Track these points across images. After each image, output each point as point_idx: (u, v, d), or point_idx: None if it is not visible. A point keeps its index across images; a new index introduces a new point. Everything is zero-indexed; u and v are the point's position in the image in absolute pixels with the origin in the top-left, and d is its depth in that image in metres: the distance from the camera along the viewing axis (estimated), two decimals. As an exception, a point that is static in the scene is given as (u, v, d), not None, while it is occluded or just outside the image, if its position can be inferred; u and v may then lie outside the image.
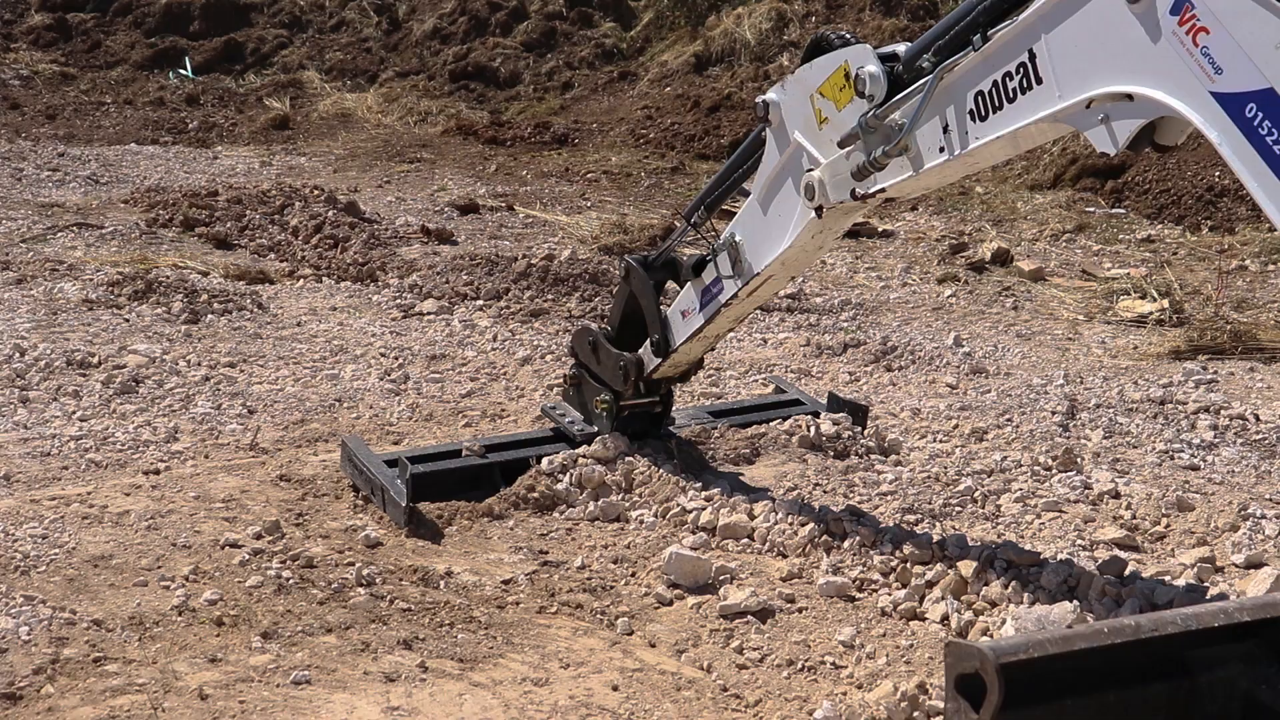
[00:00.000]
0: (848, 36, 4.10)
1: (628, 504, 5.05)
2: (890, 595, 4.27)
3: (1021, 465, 5.66)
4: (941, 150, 3.72)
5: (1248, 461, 5.91)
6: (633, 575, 4.64)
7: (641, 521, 4.91)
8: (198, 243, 10.22)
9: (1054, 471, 5.60)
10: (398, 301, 8.52)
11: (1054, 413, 6.41)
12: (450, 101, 18.18)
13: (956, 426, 6.26)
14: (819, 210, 4.20)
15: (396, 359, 7.30)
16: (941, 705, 3.23)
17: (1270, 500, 5.42)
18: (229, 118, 17.75)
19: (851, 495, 5.17)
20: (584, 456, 5.23)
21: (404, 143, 16.02)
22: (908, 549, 4.41)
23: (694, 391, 6.81)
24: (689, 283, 4.88)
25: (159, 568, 4.63)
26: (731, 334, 6.68)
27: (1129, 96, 3.23)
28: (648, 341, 5.14)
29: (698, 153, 14.23)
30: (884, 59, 3.90)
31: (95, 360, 6.95)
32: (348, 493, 5.34)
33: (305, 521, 5.08)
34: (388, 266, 9.43)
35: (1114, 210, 11.20)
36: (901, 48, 3.94)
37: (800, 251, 4.43)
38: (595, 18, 19.78)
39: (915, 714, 3.23)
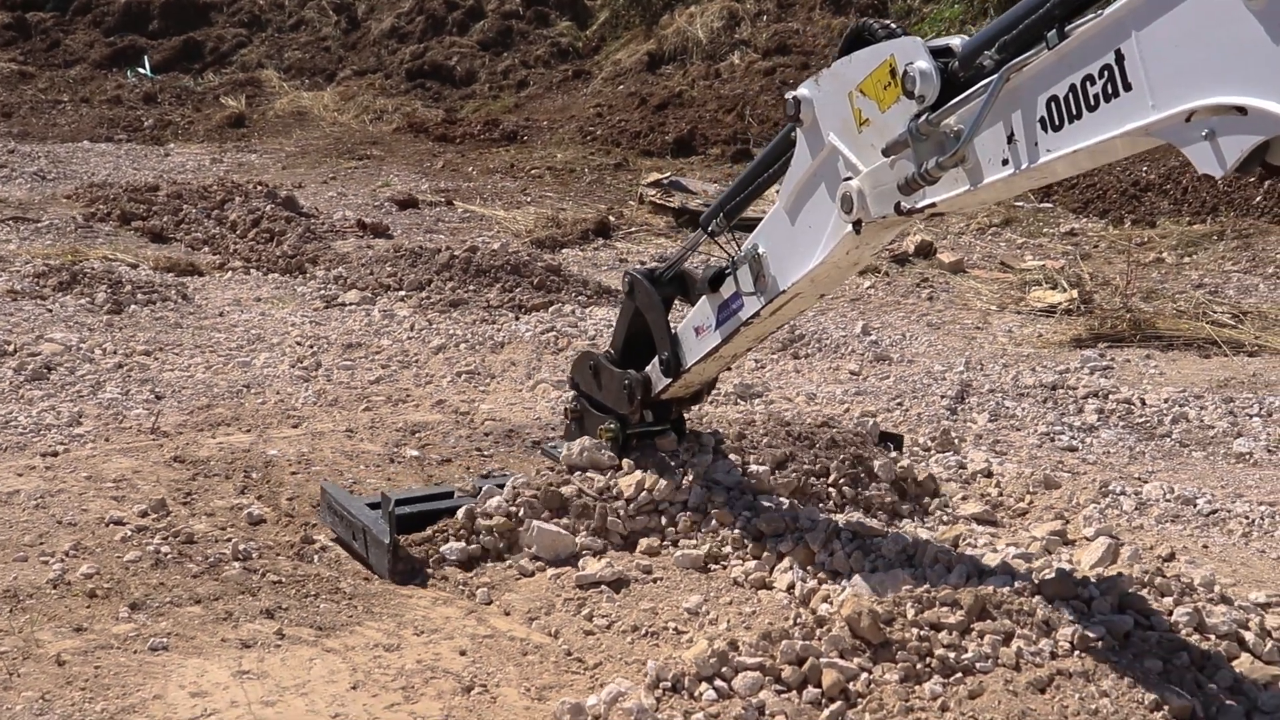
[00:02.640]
0: (893, 27, 3.60)
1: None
2: (742, 566, 4.41)
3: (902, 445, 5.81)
4: (1005, 163, 3.18)
5: (1124, 443, 6.08)
6: (508, 550, 4.77)
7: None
8: (133, 236, 10.33)
9: (932, 452, 5.76)
10: (321, 293, 8.65)
11: (944, 397, 6.57)
12: (406, 100, 18.32)
13: (848, 410, 6.41)
14: (857, 225, 3.66)
15: (311, 347, 7.42)
16: (750, 660, 3.37)
17: (1137, 479, 5.59)
18: (185, 116, 17.85)
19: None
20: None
21: (356, 140, 16.14)
22: (763, 523, 4.55)
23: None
24: (703, 297, 4.35)
25: (41, 544, 4.74)
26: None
27: (1241, 110, 2.68)
28: (655, 359, 4.62)
29: (642, 149, 14.40)
30: (936, 54, 3.39)
31: (11, 348, 7.06)
32: (238, 473, 5.46)
33: (192, 500, 5.19)
34: (319, 259, 9.55)
35: (1042, 204, 11.39)
36: (956, 41, 3.44)
37: (833, 268, 3.90)
38: (551, 17, 19.94)
39: (724, 669, 3.37)
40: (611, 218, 11.07)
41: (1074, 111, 3.00)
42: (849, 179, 3.64)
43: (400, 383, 6.89)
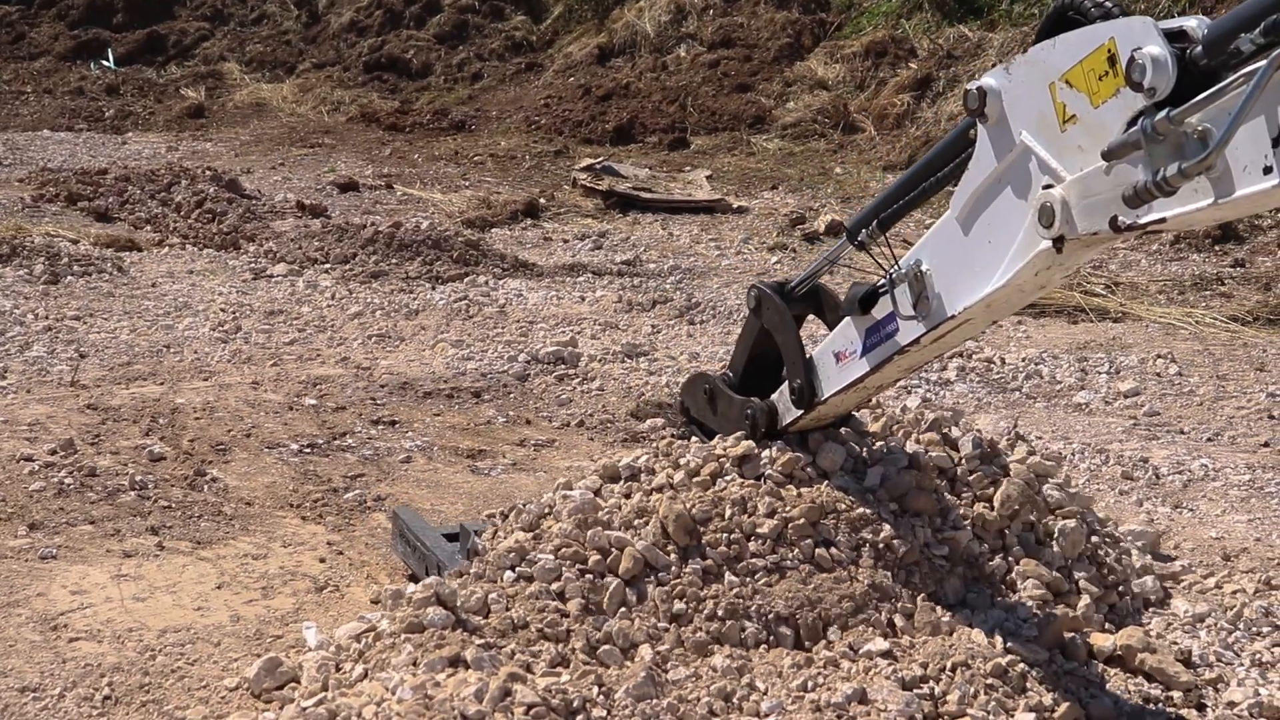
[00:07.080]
0: (1109, 5, 3.02)
1: None
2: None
3: (764, 396, 6.29)
4: (1268, 171, 2.63)
5: (975, 394, 6.57)
6: (387, 483, 5.25)
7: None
8: (79, 216, 10.76)
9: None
10: (251, 266, 9.09)
11: (816, 355, 7.06)
12: (363, 92, 18.76)
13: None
14: (1058, 241, 3.06)
15: (234, 314, 7.87)
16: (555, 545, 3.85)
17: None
18: (147, 107, 18.27)
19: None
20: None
21: (310, 129, 16.58)
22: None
23: (502, 338, 7.42)
24: (848, 318, 3.74)
25: (-48, 476, 5.19)
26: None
27: None
28: (784, 387, 4.00)
29: (583, 137, 14.88)
30: (1168, 38, 2.83)
31: (-53, 313, 7.50)
32: (145, 419, 5.91)
33: (100, 441, 5.64)
34: (256, 237, 10.00)
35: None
36: (1191, 22, 2.86)
37: (1015, 291, 3.28)
38: (506, 11, 20.41)
39: (530, 555, 3.85)
40: (542, 200, 11.53)
41: None
42: (1050, 187, 3.05)
43: (313, 344, 7.34)
